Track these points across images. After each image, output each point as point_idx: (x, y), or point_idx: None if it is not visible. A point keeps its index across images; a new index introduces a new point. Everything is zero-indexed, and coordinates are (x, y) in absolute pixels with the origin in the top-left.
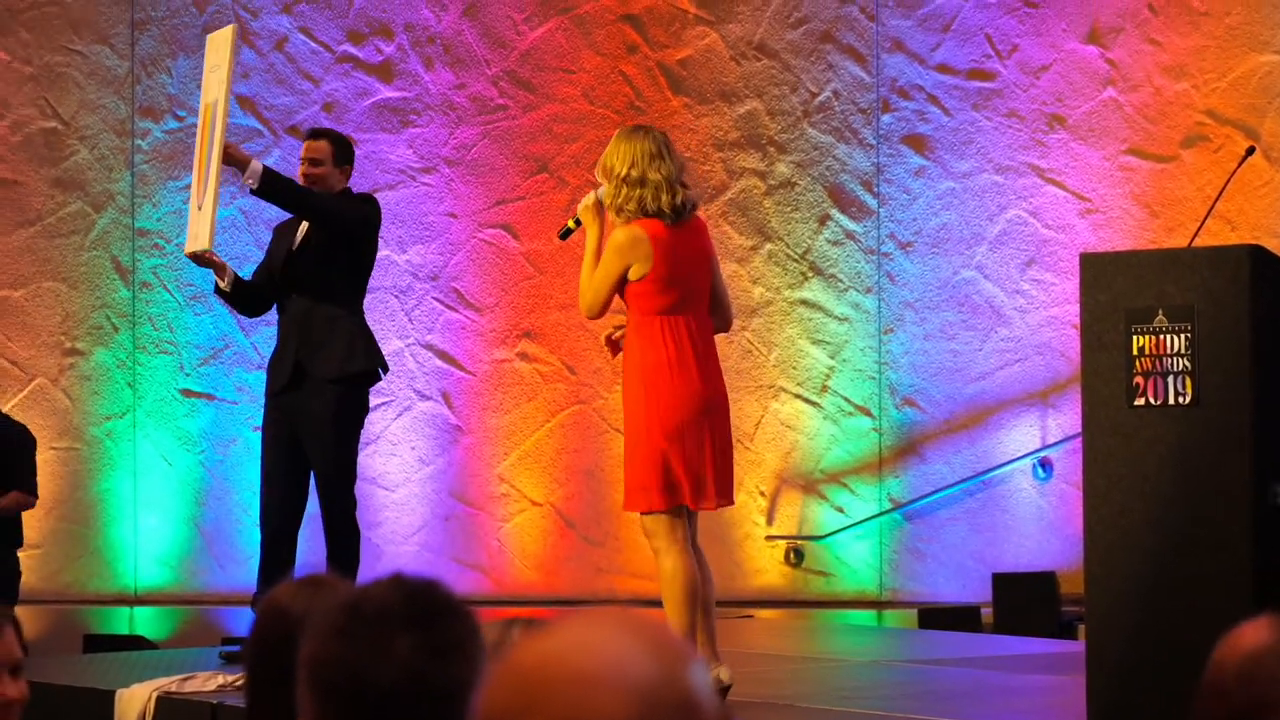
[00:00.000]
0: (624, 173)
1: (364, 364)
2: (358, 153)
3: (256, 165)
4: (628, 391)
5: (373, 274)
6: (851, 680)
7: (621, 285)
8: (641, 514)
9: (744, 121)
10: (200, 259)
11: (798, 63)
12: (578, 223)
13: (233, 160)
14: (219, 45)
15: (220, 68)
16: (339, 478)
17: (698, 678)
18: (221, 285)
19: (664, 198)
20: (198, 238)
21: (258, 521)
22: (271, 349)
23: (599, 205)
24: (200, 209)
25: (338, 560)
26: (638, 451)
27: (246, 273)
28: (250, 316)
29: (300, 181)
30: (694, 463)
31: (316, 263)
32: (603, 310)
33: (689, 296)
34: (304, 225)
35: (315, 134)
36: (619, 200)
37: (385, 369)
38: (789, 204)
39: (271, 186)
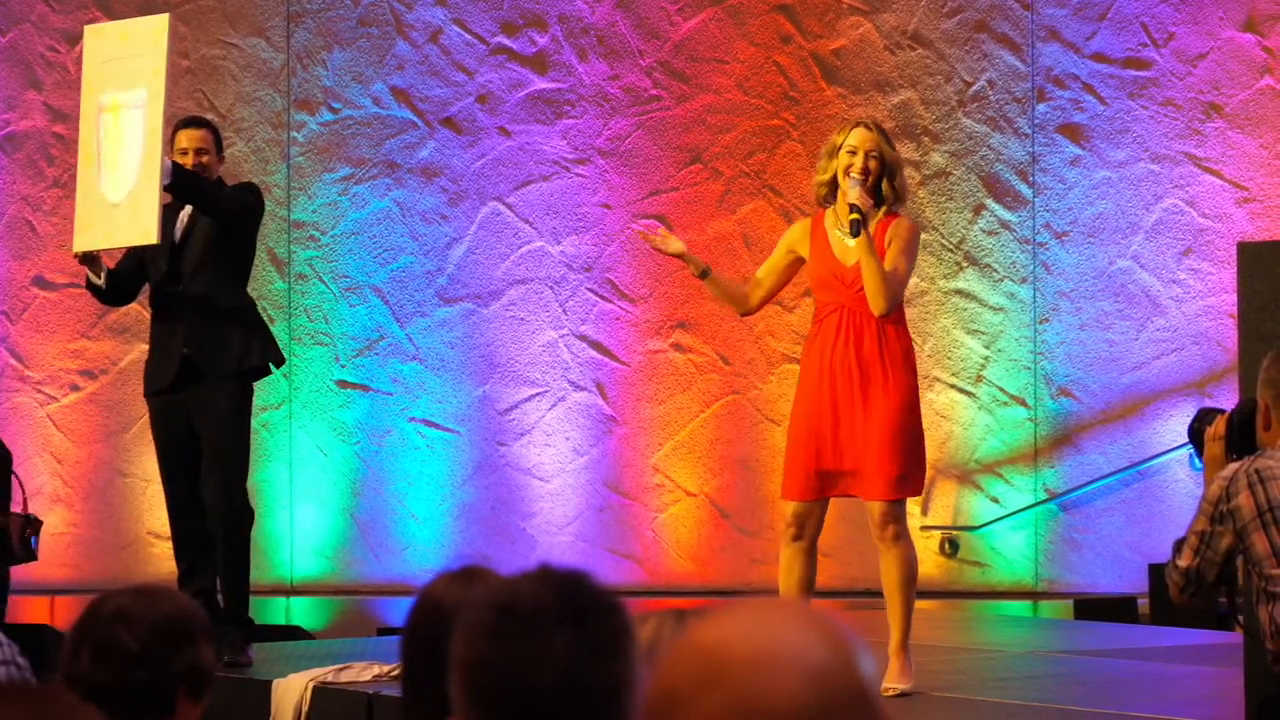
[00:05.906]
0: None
1: (259, 360)
2: (512, 144)
3: (166, 162)
4: (906, 380)
5: (528, 264)
6: (1007, 671)
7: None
8: (900, 499)
9: (898, 111)
10: (87, 257)
11: (952, 52)
12: (863, 214)
13: None
14: (143, 36)
15: (145, 56)
16: (234, 472)
17: (867, 666)
18: (96, 280)
19: None
20: (147, 232)
21: (411, 513)
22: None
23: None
24: (117, 204)
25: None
26: (919, 436)
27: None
28: (115, 306)
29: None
30: None
31: (208, 254)
32: None
33: None
34: (183, 216)
35: (196, 123)
36: (905, 191)
37: (279, 363)
38: (943, 194)
39: (187, 183)
